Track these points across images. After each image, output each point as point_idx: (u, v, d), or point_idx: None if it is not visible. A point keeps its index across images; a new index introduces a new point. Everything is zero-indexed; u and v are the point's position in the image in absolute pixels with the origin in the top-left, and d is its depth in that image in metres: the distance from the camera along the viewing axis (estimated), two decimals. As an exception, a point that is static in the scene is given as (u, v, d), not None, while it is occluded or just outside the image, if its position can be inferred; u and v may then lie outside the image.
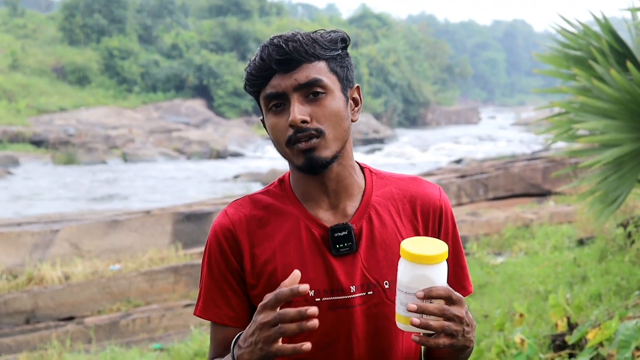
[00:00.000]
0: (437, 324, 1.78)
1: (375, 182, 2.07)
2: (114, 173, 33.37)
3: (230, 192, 21.79)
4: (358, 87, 2.04)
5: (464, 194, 15.56)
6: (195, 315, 2.09)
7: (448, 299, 1.80)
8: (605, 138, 5.79)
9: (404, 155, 39.59)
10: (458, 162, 31.36)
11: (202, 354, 8.01)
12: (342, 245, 1.98)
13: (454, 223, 2.12)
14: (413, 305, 1.77)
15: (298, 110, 1.90)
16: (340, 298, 1.98)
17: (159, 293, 11.45)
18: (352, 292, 1.98)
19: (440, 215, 2.08)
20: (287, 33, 1.96)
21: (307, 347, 1.75)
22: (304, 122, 1.90)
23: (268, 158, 39.34)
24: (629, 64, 5.57)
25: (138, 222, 13.55)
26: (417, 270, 1.78)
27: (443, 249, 1.80)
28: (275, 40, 1.93)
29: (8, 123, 41.12)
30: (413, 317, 1.78)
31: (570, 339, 5.36)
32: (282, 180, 2.09)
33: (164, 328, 10.40)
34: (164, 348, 9.01)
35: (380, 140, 49.52)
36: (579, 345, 5.35)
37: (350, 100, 2.02)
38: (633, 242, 7.72)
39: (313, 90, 1.93)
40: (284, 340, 1.83)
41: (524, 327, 6.01)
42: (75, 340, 9.42)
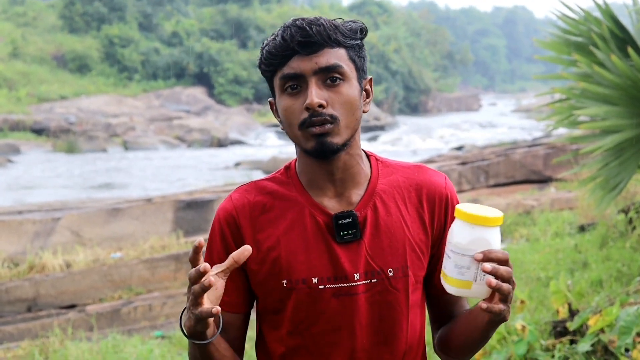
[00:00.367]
0: (506, 287, 1.76)
1: (381, 170, 2.07)
2: (115, 161, 33.36)
3: (231, 179, 21.80)
4: (371, 79, 2.05)
5: (465, 181, 15.55)
6: None
7: (505, 264, 1.78)
8: (606, 124, 5.78)
9: (405, 143, 39.52)
10: (459, 149, 31.34)
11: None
12: (346, 233, 1.98)
13: None
14: (488, 266, 1.75)
15: (316, 94, 1.89)
16: (344, 285, 1.98)
17: (160, 281, 11.46)
18: (355, 279, 1.98)
19: (447, 204, 2.07)
20: (309, 17, 1.95)
21: (216, 310, 1.77)
22: (321, 106, 1.90)
23: (269, 146, 39.35)
24: (630, 50, 5.56)
25: (139, 210, 13.55)
26: (476, 232, 1.77)
27: (500, 213, 1.78)
28: (299, 22, 1.92)
29: (9, 111, 41.12)
30: (489, 277, 1.75)
31: (571, 326, 5.36)
32: (288, 167, 2.08)
33: (166, 316, 10.41)
34: (166, 336, 9.02)
35: (381, 128, 49.43)
36: (580, 332, 5.35)
37: (363, 91, 2.02)
38: (634, 228, 7.72)
39: (332, 76, 1.92)
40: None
41: (525, 313, 6.01)
42: (77, 328, 9.43)
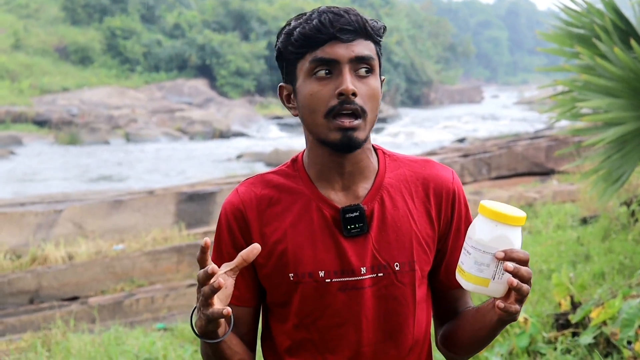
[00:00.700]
0: (526, 288, 1.75)
1: (389, 164, 2.05)
2: (117, 153, 33.36)
3: (233, 172, 21.77)
4: (384, 79, 2.03)
5: (467, 173, 15.54)
6: None
7: (525, 264, 1.77)
8: (609, 116, 5.77)
9: (407, 135, 39.49)
10: (461, 141, 31.31)
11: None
12: (353, 227, 1.96)
13: (467, 207, 2.11)
14: (511, 265, 1.74)
15: (350, 81, 1.88)
16: (351, 279, 1.97)
17: (163, 273, 11.47)
18: (362, 273, 1.97)
19: (454, 199, 2.07)
20: (341, 6, 1.94)
21: (227, 311, 1.76)
22: (354, 94, 1.88)
23: (271, 138, 39.33)
24: (633, 42, 5.55)
25: (141, 202, 13.56)
26: (499, 230, 1.75)
27: (524, 214, 1.77)
28: (335, 9, 1.90)
29: (11, 103, 41.13)
30: (511, 277, 1.73)
31: (574, 318, 5.37)
32: (295, 160, 2.07)
33: (168, 308, 10.41)
34: (168, 328, 9.03)
35: (383, 120, 49.40)
36: (582, 324, 5.35)
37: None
38: (636, 220, 7.72)
39: (363, 67, 1.91)
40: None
41: (527, 306, 6.02)
42: (79, 320, 9.43)
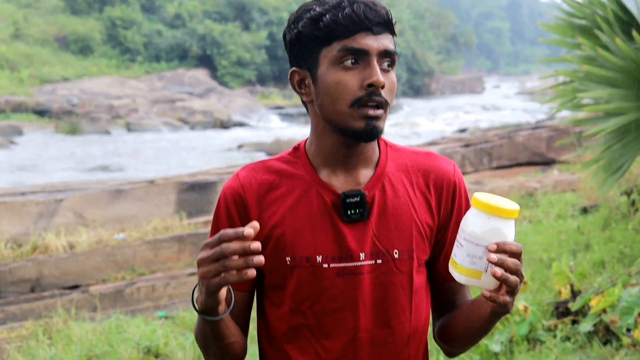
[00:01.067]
0: (513, 280, 1.75)
1: (390, 154, 2.06)
2: (118, 143, 33.36)
3: (234, 161, 21.80)
4: None
5: (468, 163, 15.56)
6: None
7: (517, 257, 1.77)
8: (610, 107, 5.78)
9: (409, 125, 39.47)
10: (462, 131, 31.33)
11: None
12: (353, 212, 1.96)
13: (467, 199, 2.09)
14: (494, 257, 1.73)
15: (380, 73, 1.89)
16: (349, 265, 1.96)
17: (164, 262, 11.49)
18: (361, 259, 1.96)
19: (454, 191, 2.06)
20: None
21: (251, 273, 1.68)
22: (383, 87, 1.89)
23: (272, 128, 39.31)
24: (634, 33, 5.55)
25: (142, 191, 13.57)
26: (492, 223, 1.75)
27: (517, 206, 1.78)
28: (366, 0, 1.91)
29: (11, 93, 41.08)
30: (495, 268, 1.73)
31: (574, 306, 5.39)
32: (297, 148, 2.06)
33: (169, 296, 10.44)
34: (169, 316, 9.06)
35: (385, 110, 49.33)
36: (582, 312, 5.38)
37: None
38: (637, 210, 7.74)
39: (387, 60, 1.92)
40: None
41: (528, 294, 6.04)
42: (81, 309, 9.46)
